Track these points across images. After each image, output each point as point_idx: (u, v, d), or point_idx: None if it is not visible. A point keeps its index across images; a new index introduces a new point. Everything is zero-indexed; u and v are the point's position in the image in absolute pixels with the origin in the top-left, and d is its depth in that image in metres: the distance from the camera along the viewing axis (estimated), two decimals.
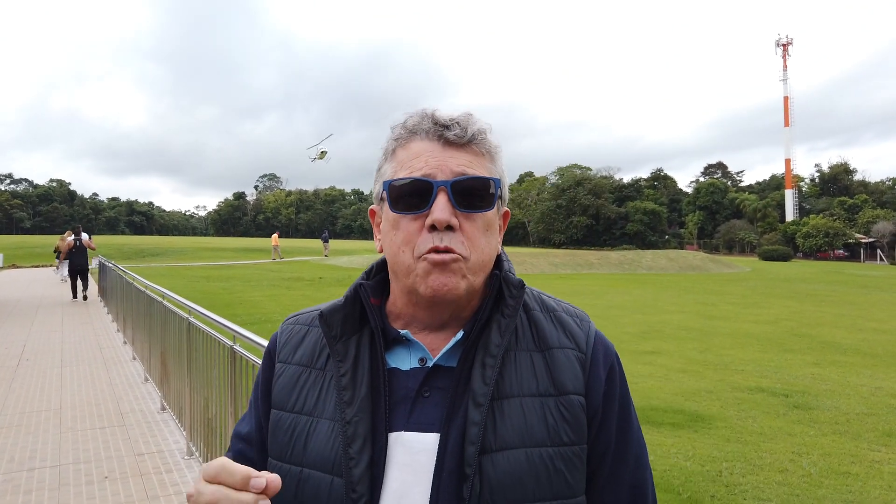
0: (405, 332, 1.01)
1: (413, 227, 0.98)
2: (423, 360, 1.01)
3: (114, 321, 12.48)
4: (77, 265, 17.14)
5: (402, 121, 1.05)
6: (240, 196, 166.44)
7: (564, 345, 1.04)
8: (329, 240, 44.65)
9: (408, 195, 0.98)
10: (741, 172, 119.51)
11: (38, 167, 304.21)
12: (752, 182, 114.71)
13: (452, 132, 0.99)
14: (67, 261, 17.70)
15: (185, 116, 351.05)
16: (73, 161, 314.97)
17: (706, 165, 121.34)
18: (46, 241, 49.46)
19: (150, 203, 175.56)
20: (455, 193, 0.97)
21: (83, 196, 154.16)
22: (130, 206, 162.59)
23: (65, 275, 20.46)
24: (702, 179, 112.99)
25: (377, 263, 1.13)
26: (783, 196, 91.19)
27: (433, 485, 0.93)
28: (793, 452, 5.79)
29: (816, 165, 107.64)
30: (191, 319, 5.08)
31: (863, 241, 71.26)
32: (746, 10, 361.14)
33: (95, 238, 23.46)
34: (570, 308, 1.12)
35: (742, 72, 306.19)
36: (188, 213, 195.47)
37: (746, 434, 6.31)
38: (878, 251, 68.95)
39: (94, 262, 19.87)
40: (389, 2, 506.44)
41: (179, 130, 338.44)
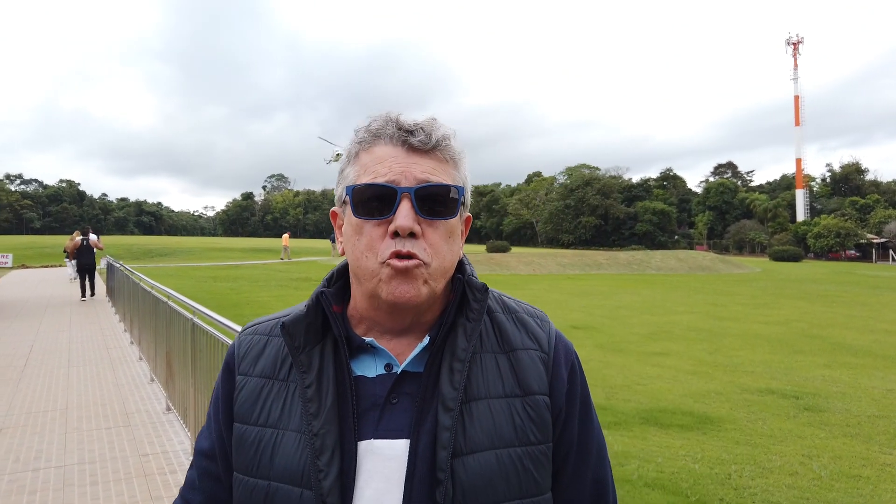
0: (370, 340, 1.01)
1: (376, 233, 0.98)
2: (390, 367, 1.01)
3: (121, 321, 12.51)
4: (85, 265, 17.39)
5: (366, 124, 1.04)
6: (248, 196, 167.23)
7: (528, 346, 1.06)
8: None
9: (371, 201, 0.98)
10: (751, 172, 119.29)
11: (48, 168, 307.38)
12: (763, 182, 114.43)
13: (417, 138, 0.99)
14: (75, 260, 17.96)
15: (194, 116, 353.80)
16: (83, 161, 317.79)
17: (716, 165, 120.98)
18: (56, 242, 49.80)
19: (159, 203, 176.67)
20: (419, 200, 0.97)
21: (92, 196, 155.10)
22: (139, 207, 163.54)
23: (73, 274, 20.71)
24: (711, 179, 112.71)
25: (337, 270, 1.14)
26: (794, 196, 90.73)
27: (405, 491, 0.93)
28: (803, 455, 5.72)
29: (827, 165, 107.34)
30: (195, 320, 5.06)
31: (875, 242, 70.79)
32: (756, 9, 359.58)
33: (104, 238, 23.67)
34: (531, 309, 1.14)
35: (752, 70, 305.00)
36: (197, 214, 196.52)
37: (756, 436, 6.24)
38: (891, 251, 68.43)
39: (103, 263, 19.99)
40: (397, 2, 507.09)
41: (188, 130, 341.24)
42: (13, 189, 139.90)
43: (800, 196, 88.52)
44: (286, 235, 41.71)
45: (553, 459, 1.03)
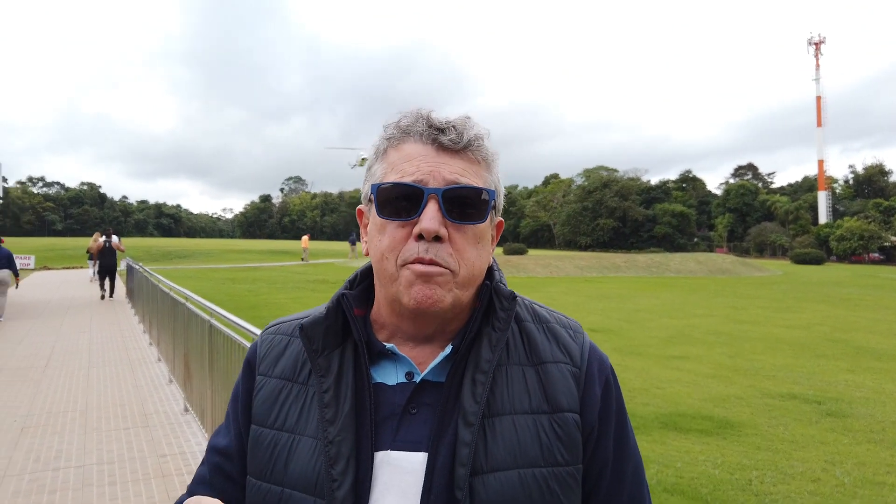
0: (391, 346, 0.97)
1: (399, 234, 0.93)
2: (411, 375, 0.96)
3: (140, 322, 12.64)
4: (106, 266, 17.92)
5: (396, 119, 1.00)
6: (266, 199, 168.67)
7: (558, 359, 1.00)
8: (356, 242, 45.14)
9: (396, 200, 0.94)
10: (772, 174, 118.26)
11: (70, 170, 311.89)
12: (784, 184, 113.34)
13: (447, 136, 0.94)
14: (97, 261, 18.50)
15: (214, 120, 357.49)
16: (104, 164, 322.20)
17: (736, 167, 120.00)
18: (78, 244, 50.42)
19: (178, 206, 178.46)
20: (446, 202, 0.92)
21: (113, 199, 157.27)
22: (159, 209, 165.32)
23: (94, 275, 21.12)
24: (731, 181, 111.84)
25: (361, 271, 1.09)
26: (816, 198, 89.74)
27: None
28: (826, 461, 5.62)
29: (850, 166, 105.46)
30: (212, 322, 5.08)
31: None
32: (778, 9, 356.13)
33: (125, 240, 24.01)
34: (564, 319, 1.08)
35: (773, 71, 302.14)
36: (215, 216, 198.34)
37: (777, 442, 6.15)
38: None
39: (122, 264, 20.28)
40: (414, 5, 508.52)
41: (207, 133, 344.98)
42: (36, 191, 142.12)
43: (822, 198, 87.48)
44: (306, 237, 42.52)
45: (584, 481, 0.97)
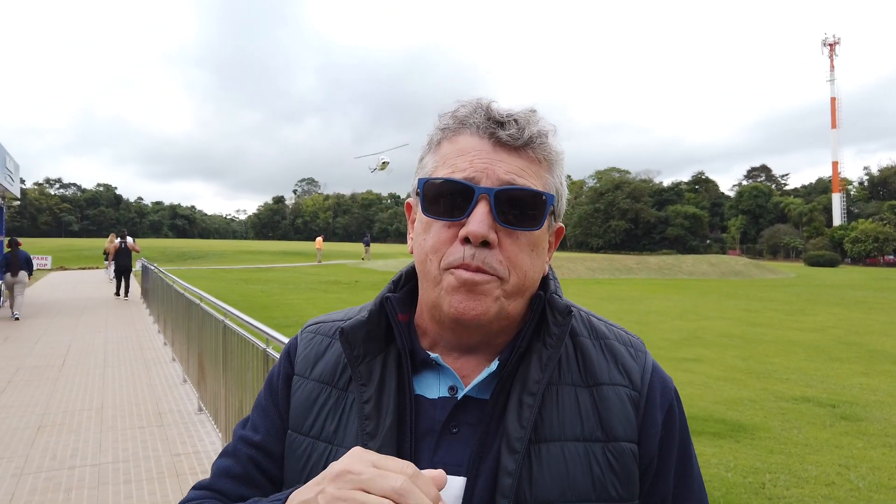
0: (435, 356, 0.89)
1: (445, 235, 0.86)
2: (454, 389, 0.89)
3: (155, 322, 12.74)
4: (121, 266, 18.47)
5: (453, 109, 0.91)
6: (279, 200, 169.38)
7: (616, 381, 0.91)
8: (370, 243, 45.41)
9: (444, 198, 0.86)
10: (786, 176, 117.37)
11: (87, 172, 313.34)
12: (798, 185, 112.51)
13: (507, 131, 0.86)
14: (114, 262, 19.08)
15: (228, 122, 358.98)
16: (120, 166, 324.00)
17: (749, 168, 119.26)
18: (93, 244, 50.89)
19: (193, 207, 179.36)
20: (498, 204, 0.83)
21: (129, 200, 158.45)
22: (173, 210, 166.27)
23: (111, 275, 21.56)
24: (745, 183, 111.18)
25: (406, 271, 1.01)
26: (830, 200, 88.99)
27: None
28: (840, 465, 5.58)
29: (865, 168, 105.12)
30: (226, 322, 5.12)
31: None
32: (792, 10, 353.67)
33: (140, 241, 24.32)
34: (624, 335, 0.98)
35: (787, 72, 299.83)
36: (229, 217, 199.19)
37: (791, 445, 6.11)
38: None
39: (138, 265, 20.53)
40: (426, 8, 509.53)
41: (222, 135, 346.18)
42: (53, 193, 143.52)
43: (836, 200, 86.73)
44: (319, 239, 42.95)
45: None
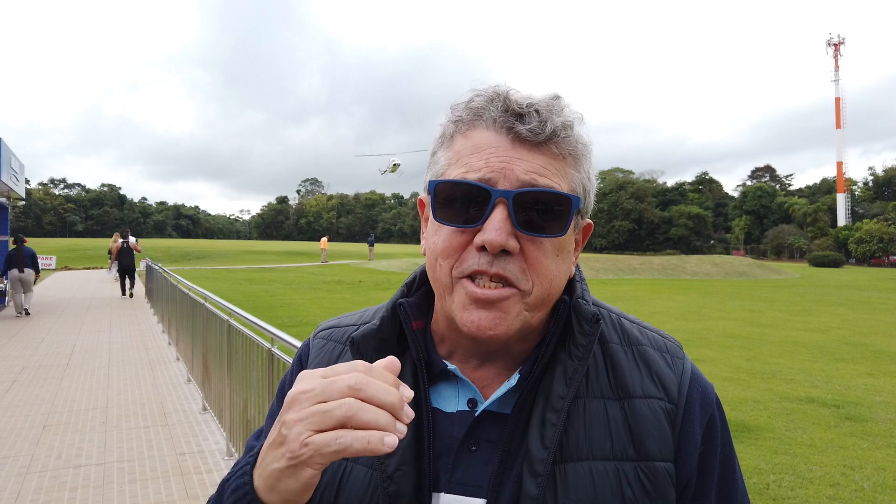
0: (454, 368, 0.82)
1: (458, 241, 0.78)
2: (473, 402, 0.82)
3: (159, 322, 12.77)
4: (124, 265, 18.72)
5: (467, 98, 0.82)
6: (283, 200, 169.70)
7: (649, 392, 0.82)
8: (374, 244, 45.55)
9: (457, 201, 0.77)
10: (790, 176, 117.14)
11: (91, 172, 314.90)
12: (802, 186, 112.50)
13: (527, 125, 0.76)
14: (116, 262, 19.38)
15: (232, 122, 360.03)
16: (124, 166, 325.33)
17: (753, 168, 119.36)
18: (98, 244, 51.06)
19: (197, 207, 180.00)
20: (518, 209, 0.75)
21: (133, 200, 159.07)
22: (177, 210, 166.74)
23: (115, 275, 21.76)
24: (749, 183, 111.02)
25: (420, 272, 0.92)
26: (835, 200, 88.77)
27: None
28: (845, 466, 5.56)
29: (870, 168, 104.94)
30: (231, 322, 5.13)
31: None
32: (797, 10, 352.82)
33: (143, 241, 24.54)
34: (660, 339, 0.89)
35: (792, 72, 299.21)
36: (232, 217, 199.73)
37: (795, 446, 6.10)
38: None
39: (142, 265, 20.61)
40: (430, 8, 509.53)
41: (225, 136, 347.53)
42: (57, 193, 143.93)
43: (841, 200, 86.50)
44: (324, 239, 43.17)
45: None
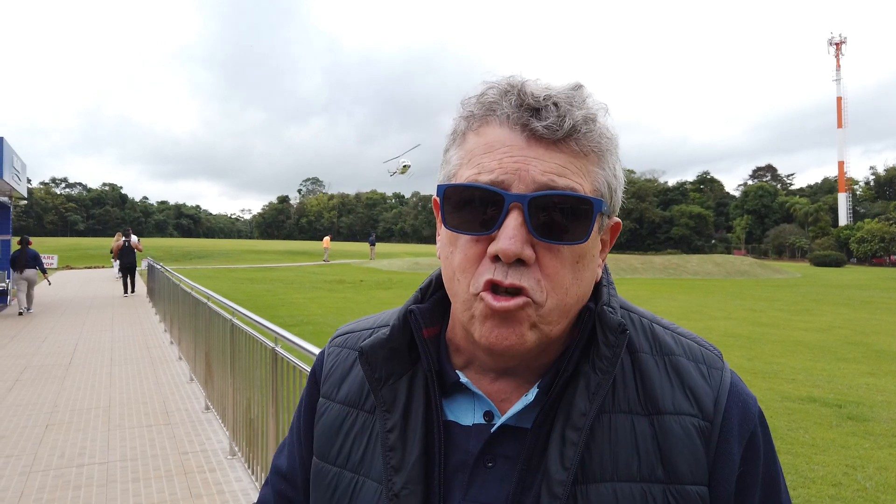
0: (466, 381, 0.78)
1: (473, 251, 0.72)
2: (490, 415, 0.77)
3: (161, 321, 12.78)
4: (126, 264, 19.01)
5: (479, 91, 0.75)
6: (284, 200, 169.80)
7: (681, 408, 0.74)
8: (375, 243, 45.66)
9: (469, 207, 0.71)
10: (791, 175, 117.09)
11: (92, 171, 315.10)
12: (804, 185, 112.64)
13: (543, 122, 0.69)
14: (118, 260, 19.71)
15: (233, 121, 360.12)
16: (125, 165, 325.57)
17: (755, 168, 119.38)
18: (99, 244, 51.12)
19: (198, 206, 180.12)
20: (534, 214, 0.69)
21: (134, 199, 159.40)
22: (178, 210, 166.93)
23: (118, 273, 21.89)
24: (750, 182, 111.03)
25: (435, 277, 0.87)
26: (836, 199, 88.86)
27: None
28: (847, 465, 5.57)
29: (871, 168, 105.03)
30: (234, 321, 5.14)
31: None
32: (798, 9, 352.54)
33: (145, 240, 24.64)
34: (696, 348, 0.80)
35: (793, 72, 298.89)
36: (234, 217, 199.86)
37: (797, 445, 6.10)
38: None
39: (143, 264, 20.68)
40: (432, 8, 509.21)
41: (227, 135, 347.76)
42: (58, 192, 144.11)
43: (842, 200, 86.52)
44: (327, 238, 43.35)
45: None
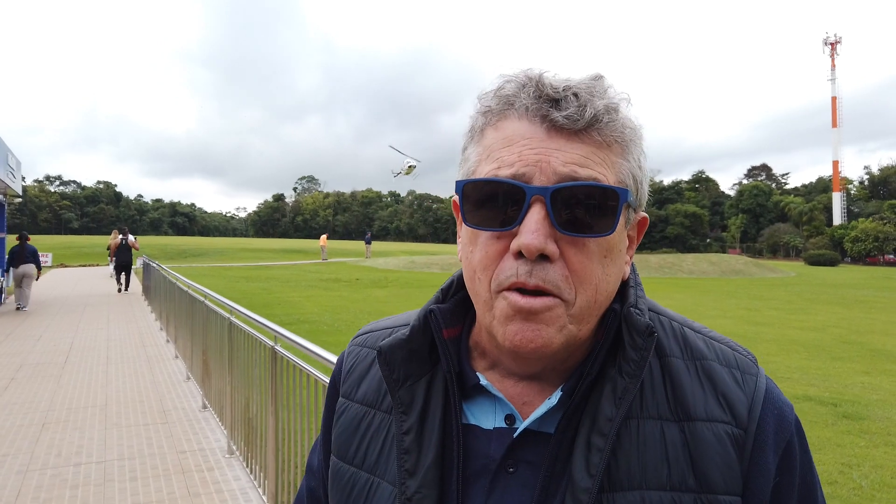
0: (486, 383, 0.75)
1: (494, 249, 0.69)
2: (512, 419, 0.75)
3: (157, 319, 12.75)
4: (122, 262, 19.08)
5: (496, 85, 0.74)
6: (279, 198, 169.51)
7: (713, 415, 0.71)
8: (371, 242, 45.61)
9: (489, 203, 0.69)
10: (786, 175, 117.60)
11: (87, 169, 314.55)
12: (798, 185, 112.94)
13: (563, 112, 0.67)
14: (115, 258, 19.68)
15: (229, 120, 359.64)
16: (120, 163, 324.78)
17: (750, 167, 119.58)
18: (94, 242, 50.96)
19: (193, 205, 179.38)
20: (557, 207, 0.66)
21: (129, 197, 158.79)
22: (173, 208, 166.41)
23: (112, 271, 21.84)
24: (745, 182, 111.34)
25: (457, 277, 0.84)
26: (830, 199, 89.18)
27: None
28: (842, 464, 5.59)
29: (866, 167, 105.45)
30: (232, 319, 5.13)
31: None
32: (793, 9, 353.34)
33: (140, 238, 24.61)
34: (729, 353, 0.77)
35: (788, 71, 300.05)
36: (229, 215, 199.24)
37: None
38: None
39: (139, 262, 20.66)
40: (428, 7, 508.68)
41: (222, 133, 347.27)
42: (53, 190, 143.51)
43: (836, 199, 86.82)
44: (324, 236, 43.27)
45: None
